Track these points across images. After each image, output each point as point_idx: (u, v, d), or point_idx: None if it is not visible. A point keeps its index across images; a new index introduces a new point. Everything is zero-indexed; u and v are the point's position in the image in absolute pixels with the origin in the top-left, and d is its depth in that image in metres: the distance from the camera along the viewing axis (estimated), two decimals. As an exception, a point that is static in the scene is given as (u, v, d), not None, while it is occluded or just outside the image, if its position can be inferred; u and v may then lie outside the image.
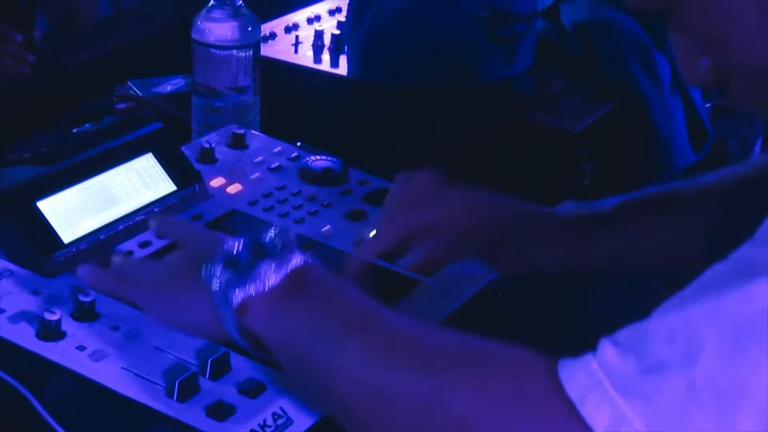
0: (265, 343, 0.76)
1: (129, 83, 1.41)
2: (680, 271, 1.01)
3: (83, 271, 0.89)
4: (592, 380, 0.63)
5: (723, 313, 0.61)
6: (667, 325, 0.62)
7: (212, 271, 0.78)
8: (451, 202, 0.95)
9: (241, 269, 0.77)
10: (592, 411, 0.62)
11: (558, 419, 0.63)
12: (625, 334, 0.64)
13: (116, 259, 0.90)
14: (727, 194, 0.98)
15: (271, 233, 0.78)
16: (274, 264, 0.76)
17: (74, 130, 1.34)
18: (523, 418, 0.64)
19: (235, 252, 0.78)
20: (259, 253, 0.77)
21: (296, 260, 0.77)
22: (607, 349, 0.64)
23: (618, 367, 0.62)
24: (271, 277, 0.76)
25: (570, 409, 0.62)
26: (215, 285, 0.77)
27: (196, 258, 0.80)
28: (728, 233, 0.95)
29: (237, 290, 0.76)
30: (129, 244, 0.98)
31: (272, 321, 0.75)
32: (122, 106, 1.37)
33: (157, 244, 0.99)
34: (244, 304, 0.76)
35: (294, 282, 0.76)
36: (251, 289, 0.76)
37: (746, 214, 0.95)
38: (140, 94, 1.39)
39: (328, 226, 1.04)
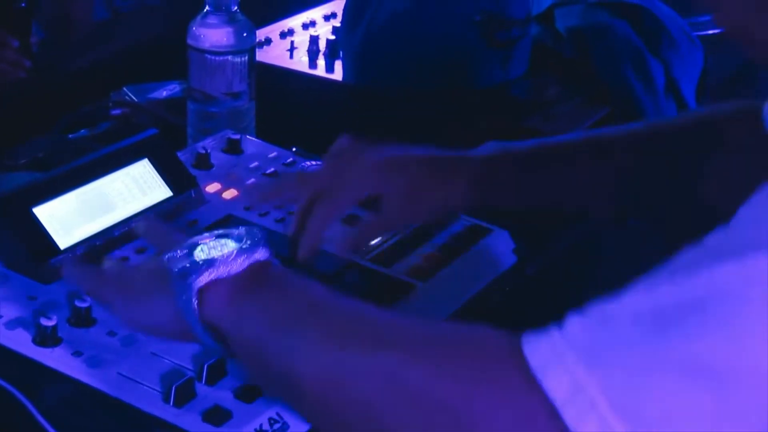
0: (223, 332, 0.75)
1: (125, 89, 1.41)
2: (589, 214, 1.04)
3: (67, 268, 0.87)
4: (554, 351, 0.61)
5: (691, 294, 0.60)
6: (637, 301, 0.61)
7: (174, 255, 0.76)
8: (364, 171, 0.97)
9: (203, 245, 0.76)
10: (553, 381, 0.61)
11: (518, 392, 0.61)
12: (593, 307, 0.63)
13: (105, 262, 0.89)
14: (649, 141, 0.99)
15: (241, 230, 0.78)
16: (236, 252, 0.75)
17: (70, 136, 1.35)
18: (482, 392, 0.63)
19: (201, 242, 0.77)
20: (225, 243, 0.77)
21: (260, 254, 0.76)
22: (572, 321, 0.63)
23: (581, 338, 0.61)
24: (232, 264, 0.75)
25: (531, 382, 0.61)
26: (176, 267, 0.75)
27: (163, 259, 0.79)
28: (643, 178, 0.97)
29: (198, 274, 0.75)
30: (125, 250, 0.98)
31: (230, 308, 0.74)
32: (118, 111, 1.37)
33: (153, 249, 0.99)
34: (205, 289, 0.75)
35: (255, 274, 0.75)
36: (212, 274, 0.74)
37: (665, 161, 0.97)
38: (136, 100, 1.39)
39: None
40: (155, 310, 0.79)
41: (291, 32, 1.52)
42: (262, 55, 1.43)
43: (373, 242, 1.02)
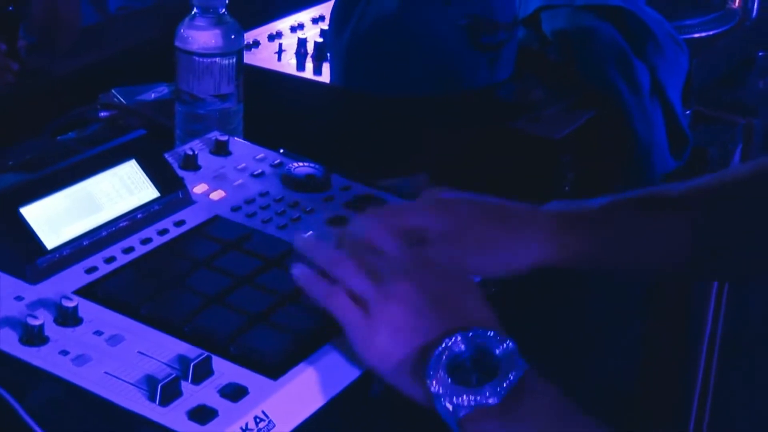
0: None
1: (113, 91, 1.41)
2: (667, 273, 1.01)
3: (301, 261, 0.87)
4: None
5: None
6: None
7: (436, 373, 0.79)
8: (429, 204, 0.95)
9: (466, 388, 0.79)
10: None
11: None
12: None
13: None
14: (717, 194, 0.98)
15: (501, 348, 0.80)
16: (498, 391, 0.78)
17: (59, 138, 1.35)
18: None
19: (460, 356, 0.80)
20: (485, 367, 0.80)
21: (516, 377, 0.79)
22: None
23: None
24: (492, 398, 0.78)
25: None
26: (436, 391, 0.79)
27: (421, 335, 0.81)
28: (715, 235, 0.96)
29: (457, 406, 0.79)
30: (112, 250, 0.99)
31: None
32: (106, 114, 1.38)
33: (141, 250, 0.99)
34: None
35: (510, 398, 0.78)
36: (471, 408, 0.78)
37: (732, 216, 0.96)
38: (124, 102, 1.39)
39: (311, 233, 1.04)
40: (399, 378, 0.82)
41: (279, 35, 1.52)
42: (250, 58, 1.43)
43: None
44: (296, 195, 1.10)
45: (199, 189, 1.09)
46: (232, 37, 1.24)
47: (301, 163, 1.14)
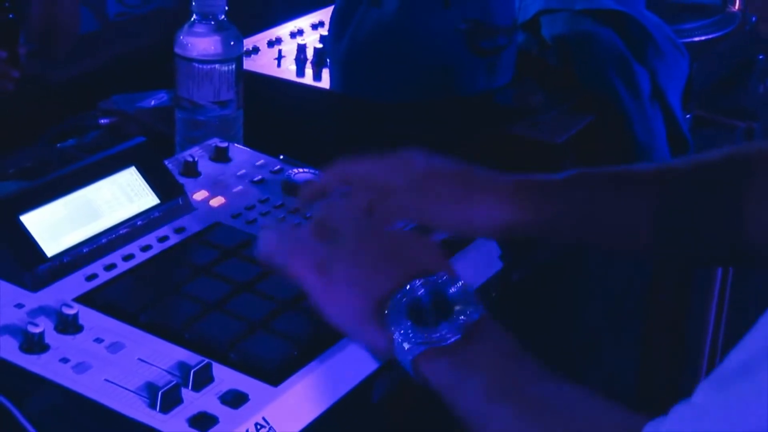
0: (430, 383, 0.81)
1: (113, 98, 1.41)
2: (627, 250, 1.02)
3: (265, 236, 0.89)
4: None
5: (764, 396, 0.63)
6: (718, 411, 0.65)
7: (396, 320, 0.82)
8: (396, 160, 0.97)
9: (423, 328, 0.81)
10: None
11: None
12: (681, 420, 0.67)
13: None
14: (685, 177, 0.98)
15: (454, 288, 0.83)
16: (454, 327, 0.81)
17: (59, 145, 1.35)
18: None
19: (418, 298, 0.82)
20: (442, 309, 0.82)
21: (471, 319, 0.81)
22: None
23: None
24: (447, 338, 0.80)
25: None
26: (397, 336, 0.81)
27: (376, 287, 0.83)
28: (677, 216, 0.96)
29: (415, 346, 0.81)
30: (112, 257, 0.99)
31: (438, 372, 0.81)
32: (106, 121, 1.37)
33: (141, 257, 0.99)
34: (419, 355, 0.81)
35: (464, 339, 0.80)
36: (428, 347, 0.80)
37: (696, 199, 0.96)
38: (124, 109, 1.39)
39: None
40: (369, 336, 0.84)
41: (279, 41, 1.52)
42: (250, 64, 1.43)
43: None
44: (296, 201, 1.10)
45: (199, 196, 1.09)
46: (232, 43, 1.24)
47: (301, 170, 1.14)
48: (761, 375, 0.64)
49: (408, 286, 0.82)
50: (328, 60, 1.43)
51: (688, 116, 1.59)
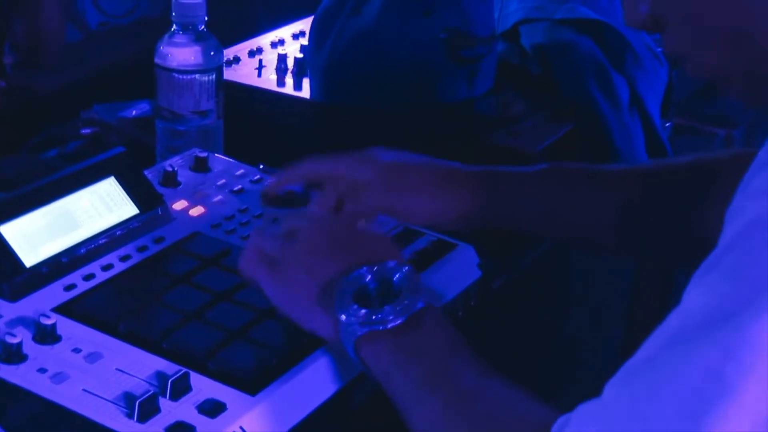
0: (369, 367, 0.83)
1: (95, 108, 1.41)
2: (591, 245, 1.03)
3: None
4: None
5: (666, 387, 0.64)
6: (621, 405, 0.66)
7: (342, 302, 0.84)
8: (360, 157, 1.00)
9: (369, 311, 0.83)
10: None
11: None
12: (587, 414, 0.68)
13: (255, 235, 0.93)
14: (652, 177, 0.99)
15: (400, 274, 0.85)
16: (398, 309, 0.83)
17: (40, 156, 1.34)
18: None
19: (365, 284, 0.85)
20: (386, 293, 0.84)
21: (415, 306, 0.83)
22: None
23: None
24: (390, 321, 0.83)
25: None
26: (342, 317, 0.84)
27: (323, 272, 0.86)
28: (647, 216, 0.98)
29: (358, 327, 0.83)
30: (91, 267, 0.99)
31: (376, 356, 0.83)
32: (87, 131, 1.37)
33: (119, 267, 0.99)
34: (361, 337, 0.83)
35: (407, 324, 0.83)
36: (370, 329, 0.83)
37: (660, 201, 0.98)
38: (106, 119, 1.38)
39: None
40: (317, 321, 0.86)
41: (260, 51, 1.53)
42: (231, 74, 1.43)
43: None
44: (275, 211, 1.09)
45: (178, 206, 1.09)
46: (212, 53, 1.25)
47: (280, 179, 1.14)
48: (661, 370, 0.65)
49: (356, 272, 0.85)
50: (308, 70, 1.43)
51: (668, 124, 1.59)
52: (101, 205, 1.02)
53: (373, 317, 0.83)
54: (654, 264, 1.08)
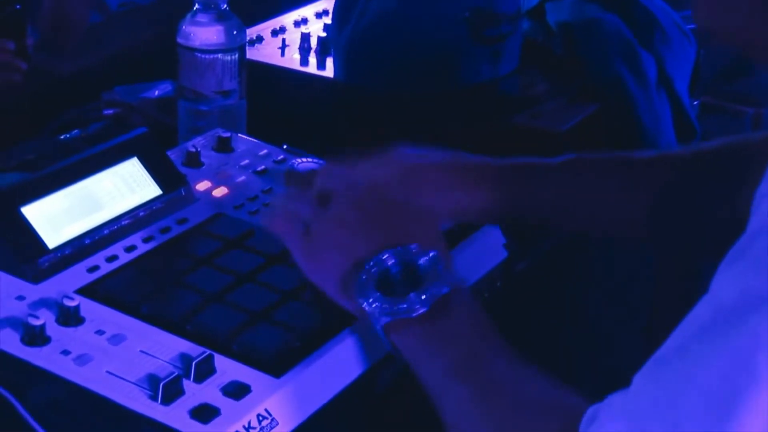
0: (400, 350, 0.83)
1: (116, 89, 1.40)
2: (622, 236, 1.02)
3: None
4: None
5: (697, 376, 0.63)
6: (650, 396, 0.66)
7: (364, 290, 0.83)
8: (379, 160, 0.97)
9: (393, 298, 0.82)
10: None
11: None
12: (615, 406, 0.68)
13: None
14: (682, 165, 0.97)
15: (425, 259, 0.83)
16: (423, 297, 0.82)
17: (62, 137, 1.34)
18: None
19: (387, 269, 0.83)
20: (411, 279, 0.83)
21: (440, 292, 0.82)
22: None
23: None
24: (416, 309, 0.81)
25: None
26: (367, 306, 0.83)
27: (354, 252, 0.85)
28: (679, 204, 0.96)
29: (385, 316, 0.82)
30: (114, 248, 0.98)
31: (405, 343, 0.82)
32: (109, 112, 1.37)
33: (143, 248, 0.99)
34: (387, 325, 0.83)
35: (435, 311, 0.81)
36: (397, 318, 0.82)
37: (701, 187, 0.96)
38: (127, 100, 1.38)
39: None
40: (339, 292, 0.85)
41: (283, 30, 1.52)
42: (254, 53, 1.42)
43: None
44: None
45: (201, 186, 1.09)
46: (234, 32, 1.24)
47: (304, 159, 1.13)
48: (690, 359, 0.64)
49: (376, 258, 0.83)
50: (331, 49, 1.42)
51: (695, 103, 1.58)
52: (124, 186, 1.02)
53: (397, 306, 0.82)
54: (686, 253, 1.06)
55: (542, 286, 1.17)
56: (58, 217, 0.96)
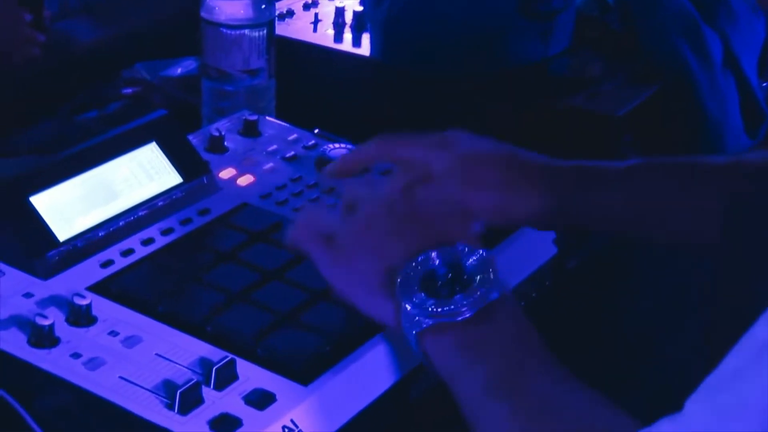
0: (433, 361, 0.81)
1: (137, 66, 1.40)
2: (689, 245, 1.00)
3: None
4: None
5: (755, 402, 0.62)
6: (702, 423, 0.65)
7: (406, 290, 0.81)
8: (438, 142, 0.96)
9: (437, 300, 0.80)
10: None
11: None
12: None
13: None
14: (758, 174, 0.95)
15: (473, 259, 0.82)
16: (470, 301, 0.80)
17: (78, 118, 1.34)
18: None
19: (433, 269, 0.82)
20: (457, 280, 0.81)
21: (489, 296, 0.80)
22: None
23: None
24: (461, 313, 0.80)
25: None
26: (407, 307, 0.81)
27: (388, 254, 0.83)
28: (750, 216, 0.94)
29: (424, 319, 0.80)
30: (130, 242, 0.98)
31: (441, 352, 0.80)
32: (129, 91, 1.37)
33: (161, 241, 0.98)
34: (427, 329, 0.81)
35: (476, 317, 0.80)
36: (437, 321, 0.80)
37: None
38: (149, 78, 1.38)
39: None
40: (370, 301, 0.84)
41: (315, 3, 1.52)
42: (284, 29, 1.42)
43: None
44: (331, 180, 1.07)
45: (225, 174, 1.08)
46: (263, 6, 1.23)
47: (337, 145, 1.13)
48: (747, 382, 0.63)
49: (423, 256, 0.82)
50: (368, 24, 1.41)
51: (765, 85, 1.56)
52: (141, 174, 1.02)
53: (442, 308, 0.80)
54: (752, 267, 1.04)
55: (594, 285, 1.16)
56: (69, 207, 0.96)
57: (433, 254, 0.82)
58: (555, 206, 0.94)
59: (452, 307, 0.80)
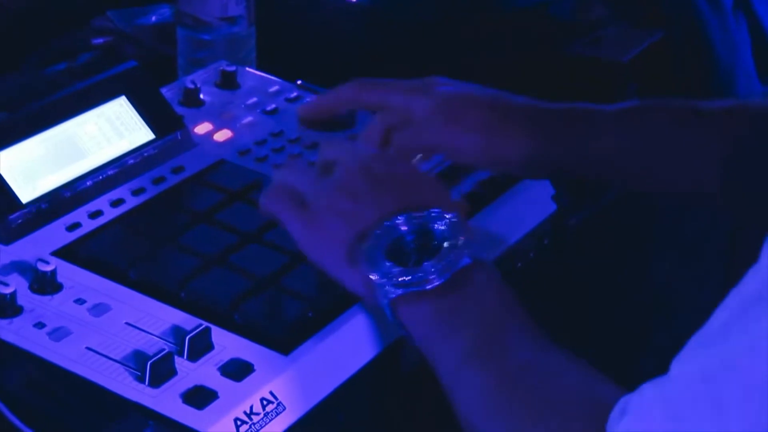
0: (408, 330, 0.82)
1: (108, 14, 1.39)
2: (688, 195, 1.00)
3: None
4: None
5: (741, 362, 0.62)
6: (688, 383, 0.64)
7: (373, 258, 0.82)
8: (418, 85, 0.97)
9: (404, 269, 0.81)
10: None
11: None
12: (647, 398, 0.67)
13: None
14: (764, 119, 0.94)
15: (442, 224, 0.82)
16: (438, 267, 0.80)
17: (46, 71, 1.33)
18: None
19: (401, 236, 0.82)
20: (426, 247, 0.82)
21: (461, 262, 0.81)
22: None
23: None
24: (430, 281, 0.80)
25: None
26: (375, 276, 0.81)
27: (361, 219, 0.84)
28: (755, 162, 0.93)
29: (393, 288, 0.81)
30: (98, 203, 0.98)
31: (416, 321, 0.81)
32: (100, 41, 1.36)
33: (131, 202, 0.98)
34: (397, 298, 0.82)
35: (450, 284, 0.80)
36: (407, 290, 0.81)
37: None
38: (120, 26, 1.37)
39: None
40: (342, 268, 0.84)
41: (299, -55, 1.50)
42: (265, -28, 1.41)
43: None
44: (315, 134, 1.07)
45: (201, 129, 1.08)
46: (241, -51, 1.23)
47: (320, 98, 1.12)
48: (734, 339, 0.63)
49: (389, 223, 0.82)
50: (355, -33, 1.41)
51: (779, 29, 1.55)
52: (110, 130, 1.01)
53: (410, 277, 0.80)
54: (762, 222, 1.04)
55: (597, 245, 1.16)
56: (33, 166, 0.96)
57: (399, 220, 0.82)
58: (541, 149, 0.94)
59: (420, 275, 0.80)
